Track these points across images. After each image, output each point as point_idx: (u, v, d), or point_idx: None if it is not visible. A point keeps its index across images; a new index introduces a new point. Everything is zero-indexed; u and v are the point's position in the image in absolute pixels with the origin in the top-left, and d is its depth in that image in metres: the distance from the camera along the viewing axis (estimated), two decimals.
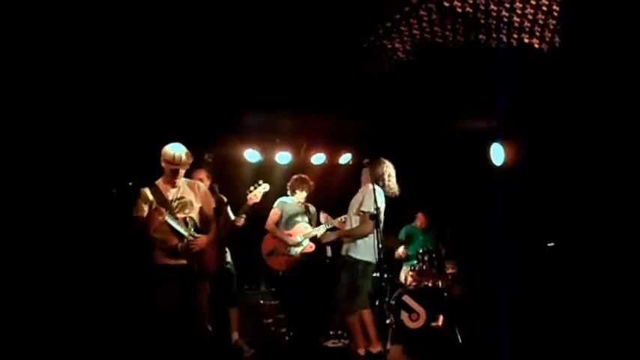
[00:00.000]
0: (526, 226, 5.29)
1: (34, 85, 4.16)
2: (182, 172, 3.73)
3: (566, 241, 5.00)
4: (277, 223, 5.36)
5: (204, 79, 4.81)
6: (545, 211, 5.24)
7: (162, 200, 3.67)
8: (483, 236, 5.48)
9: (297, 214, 5.38)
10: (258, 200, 4.49)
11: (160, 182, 3.79)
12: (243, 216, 4.55)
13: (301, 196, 5.38)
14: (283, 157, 6.22)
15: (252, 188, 4.37)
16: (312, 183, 5.40)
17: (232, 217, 4.69)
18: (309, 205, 5.49)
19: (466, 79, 4.98)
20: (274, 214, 5.34)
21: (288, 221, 5.35)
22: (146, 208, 3.64)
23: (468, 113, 5.52)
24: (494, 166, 5.53)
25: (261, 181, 4.43)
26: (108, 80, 4.48)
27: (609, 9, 4.09)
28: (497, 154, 5.55)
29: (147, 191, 3.67)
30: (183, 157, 3.67)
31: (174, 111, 5.02)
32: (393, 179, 4.41)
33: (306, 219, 5.42)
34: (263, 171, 6.10)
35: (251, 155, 6.04)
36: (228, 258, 4.83)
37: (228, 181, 5.24)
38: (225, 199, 4.68)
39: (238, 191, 4.83)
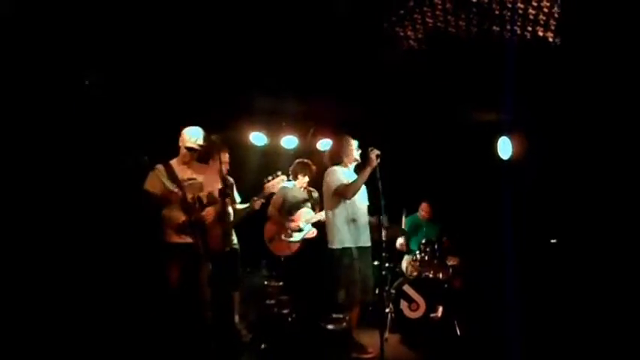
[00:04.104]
0: (532, 221, 5.23)
1: (42, 64, 4.18)
2: (196, 154, 3.94)
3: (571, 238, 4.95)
4: (279, 209, 5.32)
5: (211, 61, 4.78)
6: (552, 207, 5.19)
7: (174, 179, 3.85)
8: (488, 231, 5.44)
9: (299, 200, 5.35)
10: (275, 191, 4.54)
11: (174, 162, 3.98)
12: (262, 200, 4.53)
13: (303, 180, 5.34)
14: (289, 141, 6.17)
15: (270, 178, 4.38)
16: (314, 167, 5.33)
17: (237, 199, 4.71)
18: (312, 190, 5.43)
19: (476, 70, 4.91)
20: (276, 200, 5.30)
21: (291, 207, 5.32)
22: (160, 184, 3.81)
23: (477, 105, 5.45)
24: (502, 160, 5.49)
25: (279, 172, 4.43)
26: (113, 63, 4.50)
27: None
28: (505, 147, 5.49)
29: (161, 168, 3.88)
30: (201, 139, 3.91)
31: (180, 93, 5.01)
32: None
33: (309, 204, 5.38)
34: (269, 155, 6.11)
35: (257, 138, 6.00)
36: (235, 240, 4.81)
37: (234, 165, 5.14)
38: (231, 181, 4.72)
39: (244, 174, 4.92)
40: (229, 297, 4.67)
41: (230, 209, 4.48)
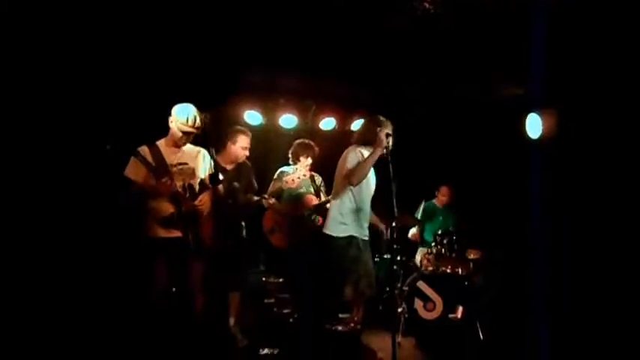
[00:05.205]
0: (566, 209, 4.84)
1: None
2: (192, 137, 3.68)
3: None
4: (279, 197, 5.04)
5: (199, 31, 4.47)
6: (589, 192, 4.75)
7: (161, 163, 3.57)
8: (514, 220, 5.14)
9: (301, 186, 5.06)
10: (294, 186, 4.68)
11: (161, 143, 3.68)
12: (273, 200, 4.72)
13: (305, 163, 5.05)
14: (288, 120, 5.94)
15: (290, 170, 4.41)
16: (317, 149, 5.08)
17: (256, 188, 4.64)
18: (315, 174, 5.17)
19: (502, 35, 4.52)
20: (275, 186, 5.04)
21: (292, 194, 5.05)
22: (143, 171, 3.53)
23: (502, 77, 5.13)
24: (530, 139, 5.11)
25: (299, 176, 4.51)
26: (99, 41, 4.25)
27: None
28: (534, 125, 5.11)
29: (146, 150, 3.57)
30: (199, 120, 3.62)
31: (166, 66, 4.72)
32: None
33: (312, 190, 5.11)
34: (265, 136, 5.86)
35: (252, 117, 5.74)
36: (244, 233, 4.56)
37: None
38: (249, 165, 4.54)
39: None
40: (226, 297, 4.41)
41: (244, 198, 4.41)
